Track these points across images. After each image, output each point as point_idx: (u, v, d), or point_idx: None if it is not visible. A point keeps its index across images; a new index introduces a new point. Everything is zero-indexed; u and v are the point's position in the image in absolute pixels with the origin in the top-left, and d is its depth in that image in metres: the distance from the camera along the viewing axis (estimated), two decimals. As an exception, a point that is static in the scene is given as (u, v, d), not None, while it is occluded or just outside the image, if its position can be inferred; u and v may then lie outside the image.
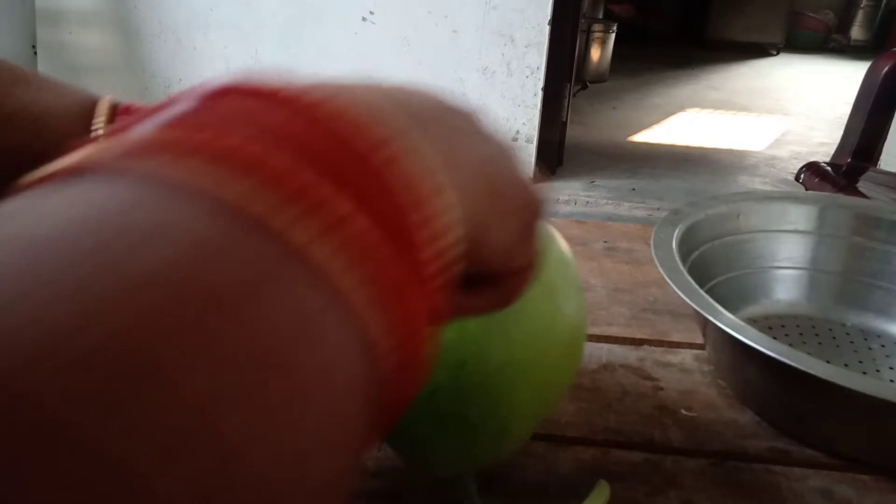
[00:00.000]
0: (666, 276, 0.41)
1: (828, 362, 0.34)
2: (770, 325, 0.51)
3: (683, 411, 0.42)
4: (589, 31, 4.15)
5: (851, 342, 0.50)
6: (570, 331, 0.31)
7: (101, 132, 0.28)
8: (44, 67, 2.59)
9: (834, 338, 0.50)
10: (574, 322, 0.32)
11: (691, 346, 0.49)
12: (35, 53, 2.58)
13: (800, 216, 0.54)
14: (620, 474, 0.37)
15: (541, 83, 2.38)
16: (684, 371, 0.46)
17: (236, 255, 0.11)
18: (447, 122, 0.18)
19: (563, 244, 0.33)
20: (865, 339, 0.50)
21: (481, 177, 0.18)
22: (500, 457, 0.33)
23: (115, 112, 0.29)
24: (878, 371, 0.47)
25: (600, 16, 4.65)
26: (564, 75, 2.44)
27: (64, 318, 0.08)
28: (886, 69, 2.00)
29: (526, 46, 2.35)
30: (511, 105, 2.44)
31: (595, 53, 4.28)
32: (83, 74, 2.61)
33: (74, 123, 0.28)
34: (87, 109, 0.29)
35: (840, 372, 0.33)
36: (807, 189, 2.20)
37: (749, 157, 3.03)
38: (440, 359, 0.28)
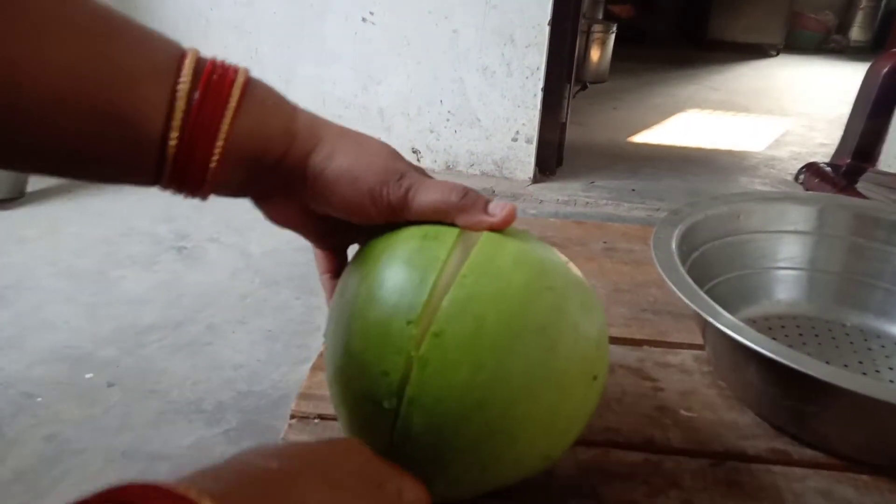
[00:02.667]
0: (665, 277, 0.41)
1: (827, 363, 0.34)
2: (770, 325, 0.51)
3: (683, 412, 0.42)
4: (589, 32, 4.15)
5: (851, 342, 0.50)
6: (584, 370, 0.31)
7: (182, 94, 0.27)
8: (44, 67, 2.59)
9: (834, 338, 0.50)
10: (588, 360, 0.31)
11: (691, 346, 0.49)
12: (35, 53, 2.58)
13: (800, 216, 0.54)
14: (620, 474, 0.37)
15: (541, 83, 2.38)
16: (684, 371, 0.46)
17: None
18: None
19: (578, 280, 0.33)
20: (865, 340, 0.50)
21: None
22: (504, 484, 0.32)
23: (200, 70, 0.28)
24: (878, 371, 0.47)
25: (600, 16, 4.65)
26: (564, 75, 2.44)
27: None
28: (886, 69, 2.00)
29: (526, 46, 2.35)
30: (511, 105, 2.44)
31: (595, 53, 4.28)
32: (83, 74, 2.62)
33: (161, 85, 0.27)
34: (174, 68, 0.28)
35: (840, 373, 0.33)
36: (806, 189, 2.20)
37: (749, 158, 3.03)
38: (460, 399, 0.28)
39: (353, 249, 0.38)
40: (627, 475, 0.37)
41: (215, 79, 0.29)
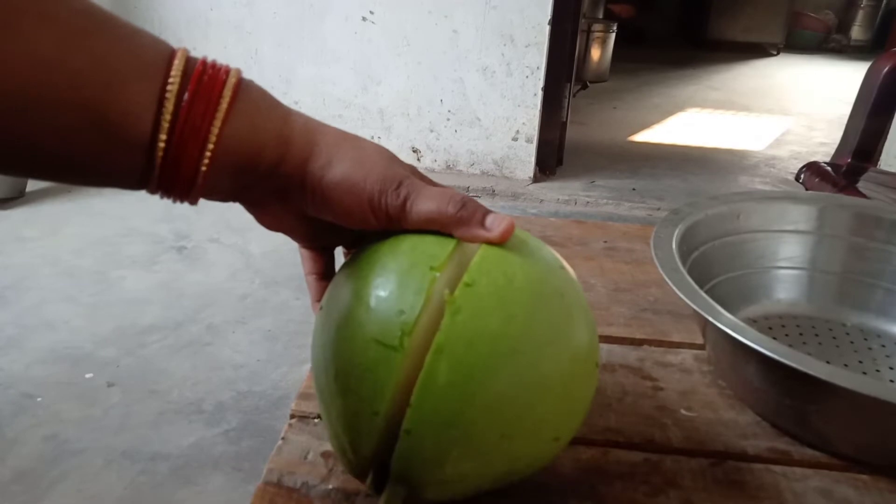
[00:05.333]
0: (666, 277, 0.41)
1: (828, 362, 0.34)
2: (770, 325, 0.51)
3: (683, 411, 0.42)
4: (589, 31, 4.15)
5: (851, 342, 0.50)
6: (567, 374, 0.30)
7: (171, 96, 0.26)
8: (44, 67, 2.59)
9: (834, 338, 0.50)
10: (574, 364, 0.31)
11: (691, 346, 0.49)
12: (35, 53, 2.58)
13: (800, 216, 0.54)
14: (620, 474, 0.37)
15: (541, 83, 2.38)
16: (684, 371, 0.46)
17: None
18: None
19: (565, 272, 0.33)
20: (865, 339, 0.50)
21: None
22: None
23: (190, 70, 0.27)
24: (878, 371, 0.47)
25: (600, 16, 4.65)
26: (564, 75, 2.44)
27: None
28: (886, 69, 2.00)
29: (526, 46, 2.35)
30: (511, 105, 2.44)
31: (595, 53, 4.28)
32: (83, 74, 2.61)
33: (150, 86, 0.26)
34: (163, 68, 0.27)
35: (840, 372, 0.33)
36: (807, 189, 2.21)
37: (749, 157, 3.03)
38: (492, 345, 0.28)
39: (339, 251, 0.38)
40: (627, 475, 0.37)
41: (206, 79, 0.28)
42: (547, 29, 2.30)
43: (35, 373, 1.33)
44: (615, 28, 4.31)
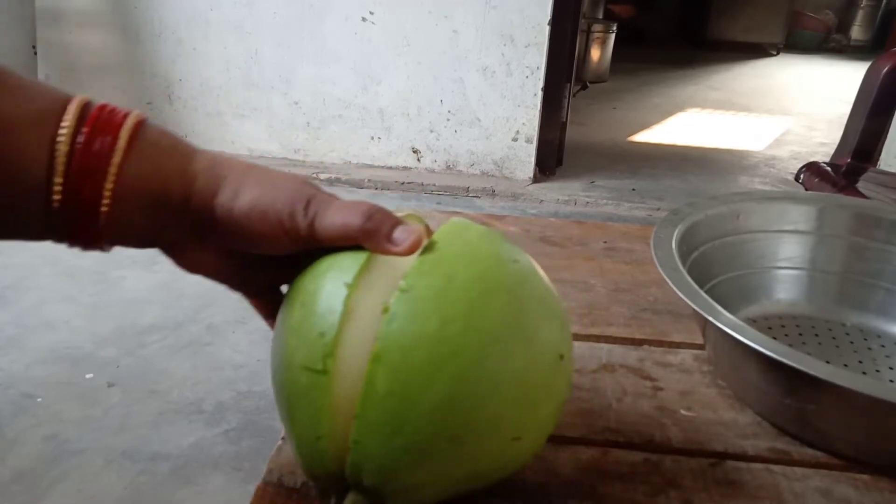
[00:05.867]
0: (666, 277, 0.41)
1: (828, 362, 0.34)
2: (770, 325, 0.51)
3: (683, 411, 0.42)
4: (589, 31, 4.15)
5: (851, 342, 0.50)
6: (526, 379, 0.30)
7: (65, 139, 0.26)
8: (44, 67, 2.59)
9: (834, 338, 0.50)
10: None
11: (691, 346, 0.49)
12: (35, 53, 2.58)
13: (800, 216, 0.54)
14: (620, 474, 0.37)
15: (541, 83, 2.39)
16: (684, 371, 0.46)
17: None
18: None
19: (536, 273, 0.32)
20: (865, 339, 0.50)
21: None
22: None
23: (86, 114, 0.27)
24: (878, 371, 0.47)
25: (600, 16, 4.65)
26: (564, 75, 2.44)
27: None
28: (886, 69, 2.00)
29: (526, 46, 2.35)
30: (511, 105, 2.44)
31: (595, 53, 4.28)
32: (83, 74, 2.61)
33: (42, 131, 0.26)
34: (57, 113, 0.26)
35: (840, 371, 0.33)
36: (807, 189, 2.21)
37: (749, 158, 3.03)
38: (429, 350, 0.27)
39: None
40: (627, 475, 0.37)
41: (102, 122, 0.27)
42: (547, 29, 2.31)
43: (35, 373, 1.33)
44: (615, 28, 4.31)
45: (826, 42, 6.36)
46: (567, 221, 0.71)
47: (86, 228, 0.28)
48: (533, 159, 2.51)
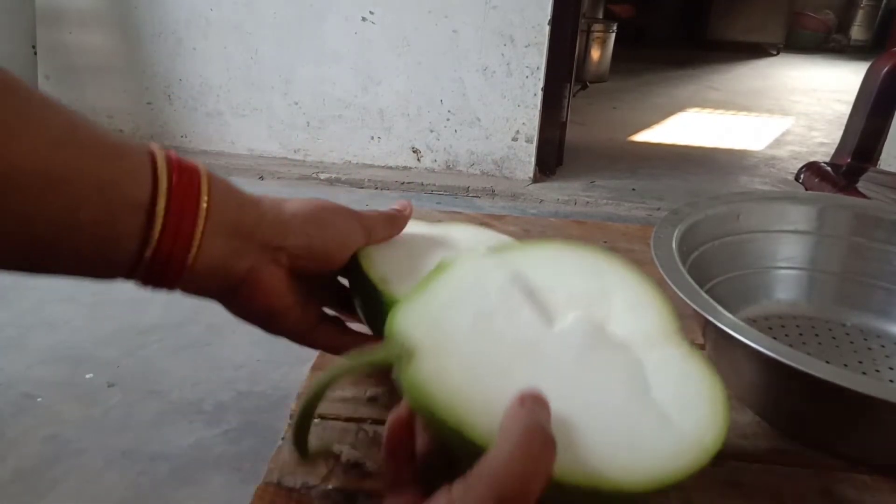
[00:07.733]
0: (666, 277, 0.41)
1: (828, 362, 0.34)
2: (770, 325, 0.51)
3: (683, 411, 0.42)
4: (589, 31, 4.15)
5: (851, 342, 0.50)
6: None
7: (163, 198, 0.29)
8: (44, 68, 2.59)
9: (834, 338, 0.50)
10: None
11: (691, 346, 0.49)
12: (35, 54, 2.58)
13: (800, 216, 0.54)
14: (620, 474, 0.37)
15: (541, 83, 2.39)
16: (684, 371, 0.46)
17: None
18: None
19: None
20: (865, 339, 0.50)
21: None
22: None
23: (171, 173, 0.29)
24: (877, 371, 0.47)
25: (600, 16, 4.65)
26: (564, 75, 2.44)
27: None
28: (886, 69, 2.00)
29: (526, 46, 2.35)
30: (511, 105, 2.44)
31: (595, 53, 4.28)
32: (83, 74, 2.61)
33: (138, 190, 0.28)
34: (148, 168, 0.29)
35: (840, 372, 0.33)
36: (807, 189, 2.20)
37: (749, 157, 3.03)
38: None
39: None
40: (627, 475, 0.37)
41: (183, 182, 0.30)
42: (547, 29, 2.31)
43: (35, 373, 1.33)
44: (615, 28, 4.31)
45: (826, 42, 6.36)
46: (567, 221, 0.71)
47: (173, 274, 0.31)
48: (533, 159, 2.51)
